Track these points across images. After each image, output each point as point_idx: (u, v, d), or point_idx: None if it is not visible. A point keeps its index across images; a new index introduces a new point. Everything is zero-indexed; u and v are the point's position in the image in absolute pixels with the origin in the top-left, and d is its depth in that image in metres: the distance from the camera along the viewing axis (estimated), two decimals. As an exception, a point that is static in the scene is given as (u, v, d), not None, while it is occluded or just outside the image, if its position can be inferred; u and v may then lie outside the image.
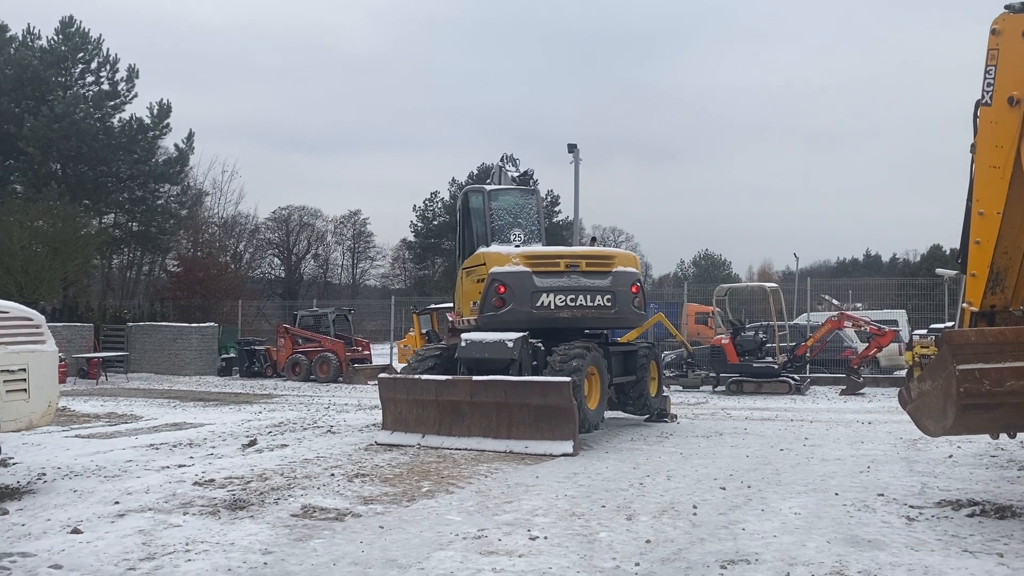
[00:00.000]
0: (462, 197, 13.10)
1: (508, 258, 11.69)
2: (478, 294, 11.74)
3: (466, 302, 12.37)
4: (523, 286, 11.36)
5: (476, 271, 12.07)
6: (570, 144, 24.46)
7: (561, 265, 11.63)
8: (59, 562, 5.39)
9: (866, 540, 5.81)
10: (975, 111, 7.06)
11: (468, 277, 12.42)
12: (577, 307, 11.51)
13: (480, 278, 11.84)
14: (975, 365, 6.01)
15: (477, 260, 12.10)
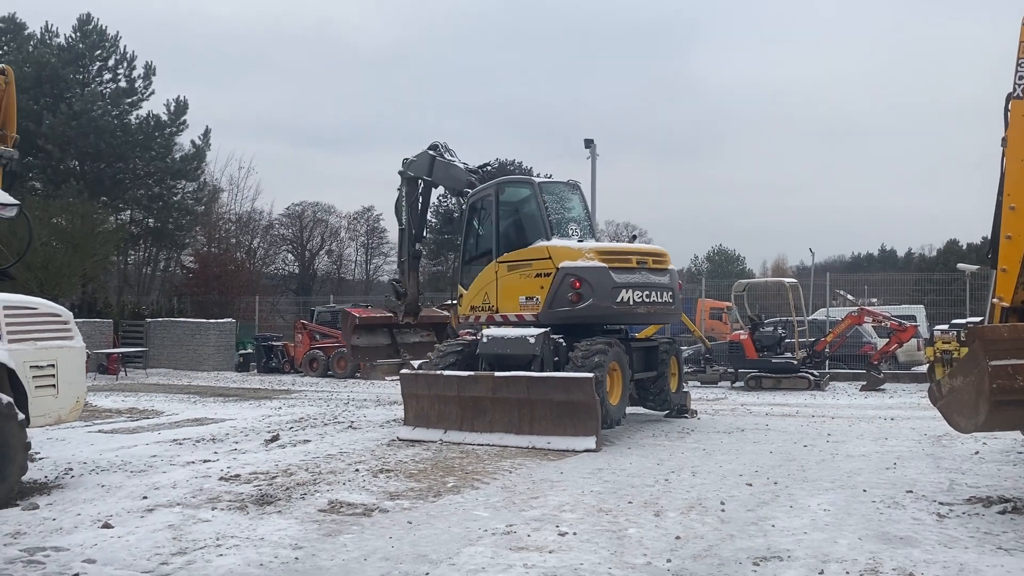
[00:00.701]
0: (494, 190, 12.57)
1: (580, 253, 11.50)
2: (539, 288, 11.54)
3: (509, 297, 11.92)
4: (602, 282, 11.25)
5: (533, 265, 11.73)
6: (587, 139, 24.43)
7: (633, 262, 11.80)
8: (92, 556, 5.43)
9: (898, 537, 5.77)
10: (1006, 104, 7.01)
11: (514, 271, 11.95)
12: (651, 303, 11.76)
13: (540, 272, 11.60)
14: (1008, 361, 5.95)
15: (536, 254, 11.74)
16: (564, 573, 5.01)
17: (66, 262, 27.32)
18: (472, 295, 12.53)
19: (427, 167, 14.41)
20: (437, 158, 14.37)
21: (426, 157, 14.45)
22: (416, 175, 14.54)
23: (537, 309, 11.58)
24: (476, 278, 12.55)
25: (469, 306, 12.59)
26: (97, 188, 35.57)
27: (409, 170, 14.56)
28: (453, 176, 14.47)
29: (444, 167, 14.44)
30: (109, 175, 36.72)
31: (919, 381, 20.49)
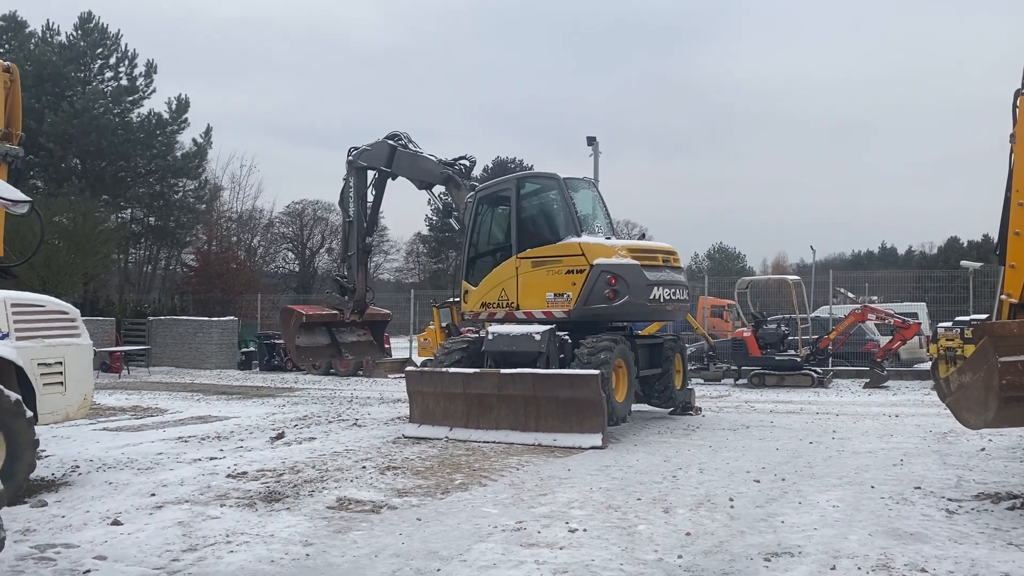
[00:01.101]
0: (514, 184, 12.29)
1: (614, 250, 11.48)
2: (571, 285, 11.42)
3: (533, 293, 11.73)
4: (637, 280, 11.28)
5: (564, 262, 11.57)
6: (589, 137, 24.40)
7: (659, 260, 11.96)
8: (103, 553, 5.43)
9: (908, 533, 5.78)
10: (1014, 100, 6.99)
11: (540, 267, 11.72)
12: (676, 300, 12.05)
13: (572, 269, 11.47)
14: (1018, 357, 5.96)
15: (567, 250, 11.57)
16: (576, 569, 5.01)
17: (68, 260, 27.28)
18: (484, 292, 12.25)
19: (386, 157, 13.85)
20: (399, 148, 13.81)
21: (384, 147, 13.90)
22: (370, 165, 14.00)
23: (568, 306, 11.43)
24: (489, 274, 12.24)
25: (479, 303, 12.29)
26: (98, 186, 35.51)
27: (360, 159, 13.99)
28: (423, 168, 13.89)
29: (410, 158, 13.87)
30: (110, 173, 36.67)
31: (922, 378, 20.47)
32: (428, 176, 13.83)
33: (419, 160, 13.86)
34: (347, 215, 14.24)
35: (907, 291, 30.81)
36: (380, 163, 13.92)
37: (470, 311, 12.56)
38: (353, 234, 14.23)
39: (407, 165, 13.93)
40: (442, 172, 13.65)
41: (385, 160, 13.87)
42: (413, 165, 13.91)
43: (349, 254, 14.45)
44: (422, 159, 13.82)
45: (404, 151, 13.87)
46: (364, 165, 13.99)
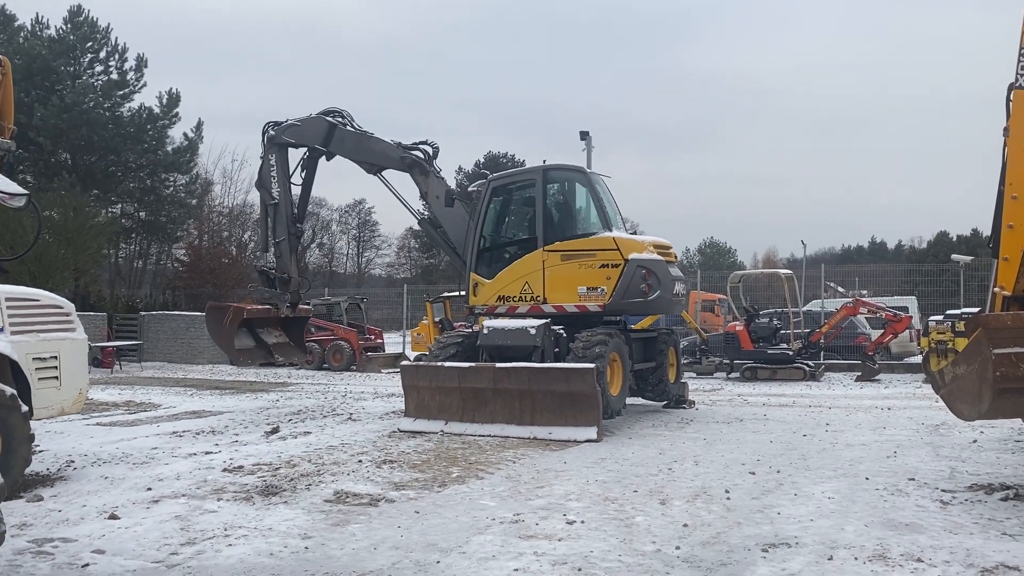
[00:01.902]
0: (540, 176, 12.02)
1: (644, 246, 11.68)
2: (605, 279, 11.49)
3: (563, 287, 11.64)
4: (664, 274, 11.56)
5: (598, 256, 11.59)
6: (582, 131, 24.35)
7: (672, 255, 12.36)
8: (101, 547, 5.43)
9: (903, 524, 5.82)
10: (1008, 94, 7.03)
11: (570, 260, 11.66)
12: (682, 294, 12.63)
13: (606, 263, 11.53)
14: (1011, 349, 5.99)
15: (601, 244, 11.61)
16: (575, 561, 5.04)
17: (58, 255, 27.16)
18: (502, 285, 11.95)
19: (322, 135, 12.87)
20: (341, 127, 12.83)
21: (320, 124, 12.88)
22: (300, 143, 12.94)
23: (604, 300, 11.48)
24: (509, 267, 11.97)
25: (495, 296, 11.98)
26: (89, 181, 35.34)
27: (287, 135, 12.87)
28: (375, 150, 12.95)
29: (356, 138, 12.93)
30: (101, 168, 36.48)
31: (913, 371, 20.61)
32: (383, 160, 13.01)
33: (369, 141, 13.03)
34: (271, 197, 13.01)
35: (897, 285, 30.95)
36: (314, 141, 13.02)
37: (483, 304, 12.09)
38: (281, 218, 13.04)
39: (352, 146, 13.08)
40: (403, 156, 12.93)
41: (321, 138, 12.95)
42: (361, 146, 13.07)
43: (277, 240, 13.17)
44: (374, 140, 13.01)
45: (349, 131, 12.98)
46: (290, 142, 12.98)
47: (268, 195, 12.90)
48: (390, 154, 13.01)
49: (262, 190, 13.04)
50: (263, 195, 12.99)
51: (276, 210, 13.00)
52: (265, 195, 12.96)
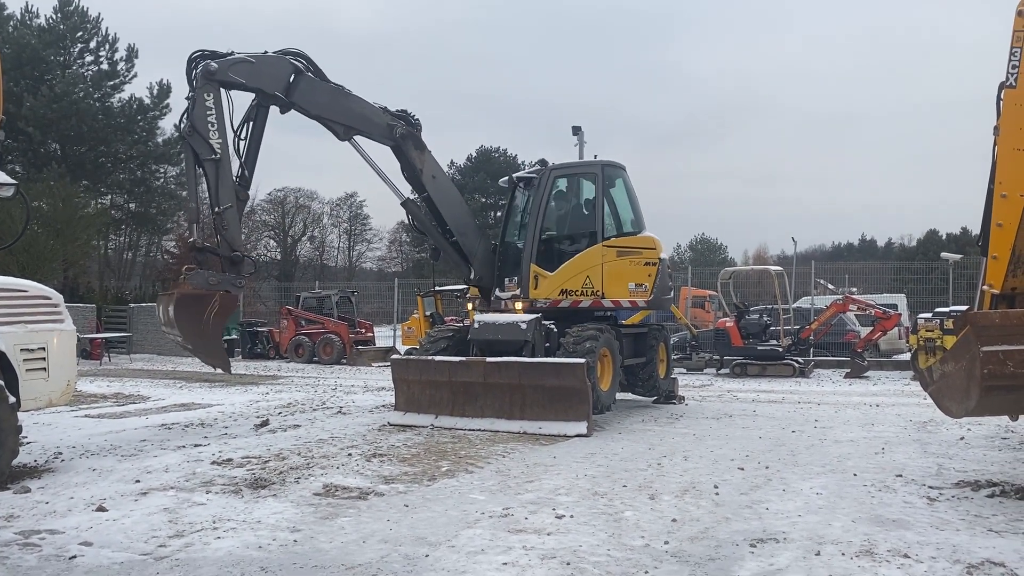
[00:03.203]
0: (600, 170, 12.07)
1: (662, 245, 12.62)
2: (647, 276, 12.11)
3: (617, 282, 11.87)
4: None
5: (644, 254, 12.16)
6: (574, 126, 24.10)
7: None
8: (88, 539, 5.40)
9: (890, 520, 5.85)
10: (999, 93, 7.05)
11: (623, 257, 11.99)
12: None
13: (648, 261, 12.15)
14: (999, 347, 6.01)
15: (645, 243, 12.24)
16: (564, 555, 5.04)
17: (47, 246, 27.05)
18: (564, 278, 11.76)
19: (284, 81, 10.40)
20: (308, 75, 10.60)
21: (284, 67, 10.43)
22: (251, 86, 10.23)
23: (647, 296, 12.12)
24: (571, 260, 11.80)
25: (558, 290, 11.72)
26: (78, 172, 35.19)
27: (234, 73, 10.02)
28: (356, 113, 11.06)
29: (331, 93, 10.81)
30: (91, 159, 36.34)
31: (902, 369, 20.72)
32: (363, 124, 11.15)
33: (348, 100, 11.00)
34: (210, 150, 9.85)
35: (886, 282, 31.12)
36: (272, 86, 10.38)
37: (545, 298, 11.70)
38: (226, 178, 10.01)
39: (325, 102, 10.82)
40: (391, 124, 11.33)
41: (282, 85, 10.42)
42: (337, 103, 10.93)
43: (222, 208, 10.00)
44: (353, 99, 11.04)
45: (321, 82, 10.75)
46: (237, 82, 10.10)
47: (206, 147, 9.81)
48: (374, 119, 11.26)
49: (196, 140, 9.80)
50: (198, 147, 9.81)
51: (218, 168, 9.93)
52: (202, 147, 9.80)
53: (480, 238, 12.37)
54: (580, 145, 24.71)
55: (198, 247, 10.18)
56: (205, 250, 10.13)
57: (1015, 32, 6.77)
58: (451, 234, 12.06)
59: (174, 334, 10.13)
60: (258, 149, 10.58)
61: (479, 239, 12.32)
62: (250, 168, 10.52)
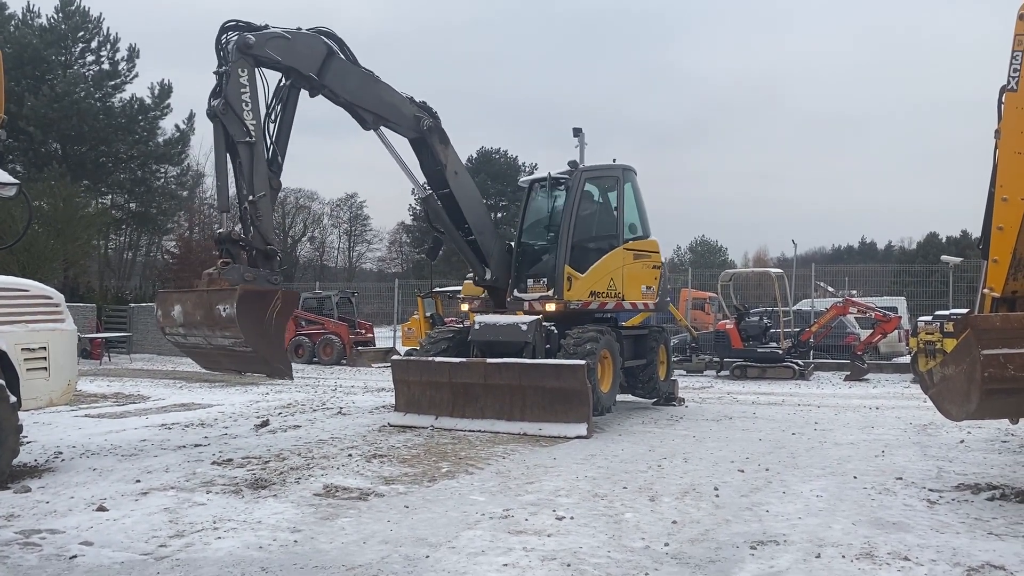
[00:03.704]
0: (622, 174, 12.44)
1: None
2: (654, 280, 12.79)
3: (634, 284, 12.36)
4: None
5: (652, 257, 12.77)
6: (575, 128, 24.22)
7: None
8: (89, 539, 5.41)
9: (891, 522, 5.85)
10: (1000, 97, 7.06)
11: (639, 260, 12.45)
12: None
13: (655, 264, 12.83)
14: (1000, 350, 6.02)
15: (652, 247, 12.82)
16: (564, 556, 5.04)
17: (48, 246, 27.06)
18: (593, 280, 11.76)
19: (319, 62, 9.65)
20: (340, 57, 9.90)
21: (318, 45, 9.71)
22: (286, 64, 9.35)
23: (654, 299, 12.76)
24: (599, 262, 11.87)
25: (588, 291, 11.69)
26: (79, 171, 35.19)
27: (271, 49, 9.15)
28: (385, 101, 10.45)
29: (362, 78, 10.13)
30: (92, 158, 36.33)
31: (902, 371, 20.73)
32: (391, 113, 10.56)
33: (377, 86, 10.36)
34: (245, 132, 8.89)
35: (886, 285, 31.13)
36: (306, 66, 9.53)
37: (578, 299, 11.54)
38: (260, 165, 9.04)
39: (354, 86, 10.06)
40: (418, 116, 10.85)
41: (317, 65, 9.63)
42: (367, 89, 10.24)
43: (256, 197, 8.94)
44: (384, 87, 10.42)
45: (353, 65, 10.06)
46: (273, 59, 9.24)
47: (241, 128, 8.84)
48: (403, 109, 10.70)
49: (230, 119, 8.81)
50: (231, 127, 8.82)
51: (252, 152, 8.96)
52: (235, 127, 8.83)
53: (496, 238, 12.18)
54: (581, 147, 24.72)
55: (233, 239, 9.00)
56: (237, 243, 9.04)
57: (1016, 36, 6.77)
58: (469, 233, 11.69)
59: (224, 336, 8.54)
60: (289, 135, 9.66)
61: (495, 239, 12.12)
62: (282, 154, 9.55)
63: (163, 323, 9.14)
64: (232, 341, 8.54)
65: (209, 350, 8.98)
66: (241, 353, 8.71)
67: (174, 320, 8.91)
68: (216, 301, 8.43)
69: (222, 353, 8.92)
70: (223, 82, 8.92)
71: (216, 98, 8.92)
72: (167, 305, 9.08)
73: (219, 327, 8.50)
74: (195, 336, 8.88)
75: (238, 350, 8.67)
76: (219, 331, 8.54)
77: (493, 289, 12.08)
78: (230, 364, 9.39)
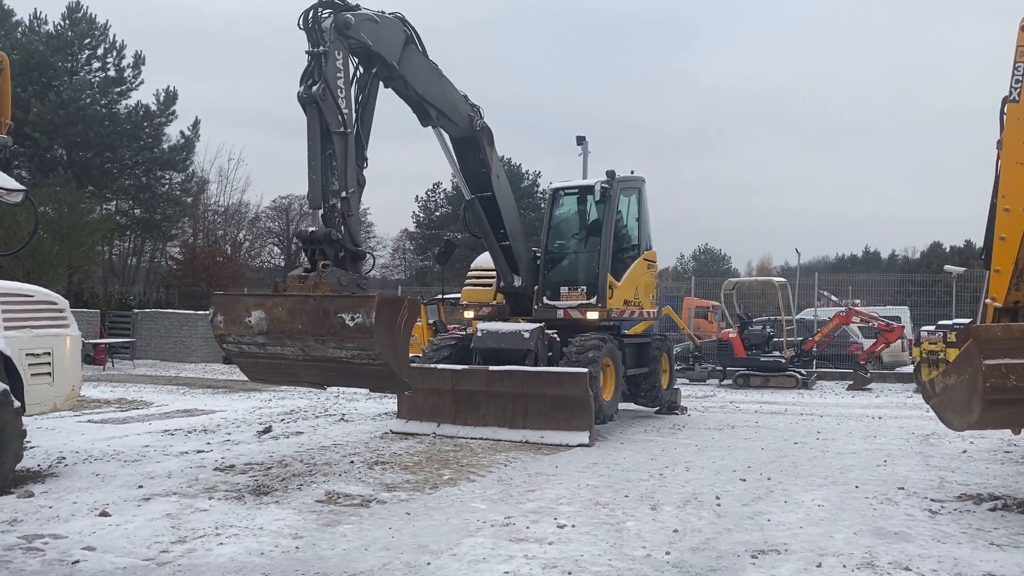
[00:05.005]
0: (642, 184, 12.90)
1: None
2: (654, 288, 13.40)
3: (647, 293, 12.94)
4: None
5: (654, 267, 13.44)
6: (579, 136, 24.19)
7: None
8: (91, 544, 5.43)
9: (892, 532, 5.86)
10: (1002, 108, 7.09)
11: (650, 270, 13.13)
12: None
13: (655, 274, 13.49)
14: (1002, 360, 6.02)
15: (654, 257, 13.23)
16: (565, 564, 5.05)
17: (52, 251, 27.10)
18: (626, 289, 12.17)
19: (399, 49, 8.99)
20: (413, 45, 9.25)
21: (398, 31, 9.01)
22: (375, 49, 8.55)
23: (654, 308, 13.26)
24: (631, 271, 12.34)
25: (623, 300, 12.08)
26: (84, 177, 35.26)
27: (364, 32, 8.34)
28: (447, 96, 10.01)
29: (430, 70, 9.62)
30: (97, 164, 36.42)
31: (905, 381, 20.69)
32: (449, 109, 10.04)
33: (442, 81, 9.82)
34: (341, 122, 7.99)
35: (890, 295, 31.04)
36: (390, 54, 8.79)
37: (617, 308, 11.90)
38: (351, 158, 8.21)
39: (424, 77, 9.42)
40: (471, 115, 10.49)
41: (397, 54, 8.91)
42: (433, 82, 9.62)
43: (349, 192, 8.15)
44: (447, 82, 9.91)
45: (425, 57, 9.45)
46: (365, 44, 8.39)
47: (337, 117, 7.98)
48: (459, 107, 10.20)
49: (328, 106, 7.92)
50: (329, 115, 7.95)
51: (347, 143, 8.11)
52: (333, 116, 7.95)
53: (526, 244, 12.14)
54: (584, 155, 24.73)
55: (332, 239, 8.03)
56: (335, 242, 8.04)
57: (1018, 47, 6.81)
58: (504, 238, 11.52)
59: (348, 347, 7.28)
60: (370, 129, 8.76)
61: (526, 245, 12.09)
62: (366, 142, 8.67)
63: (228, 330, 7.73)
64: (359, 353, 7.31)
65: (301, 363, 7.59)
66: (360, 366, 7.43)
67: (249, 327, 7.53)
68: (339, 308, 7.27)
69: (328, 367, 7.56)
70: (320, 64, 7.96)
71: (310, 82, 7.96)
72: (237, 310, 7.65)
73: (340, 337, 7.28)
74: (286, 346, 7.53)
75: (360, 363, 7.41)
76: (340, 342, 7.30)
77: (519, 296, 11.94)
78: (337, 379, 8.25)
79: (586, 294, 11.71)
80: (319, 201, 8.07)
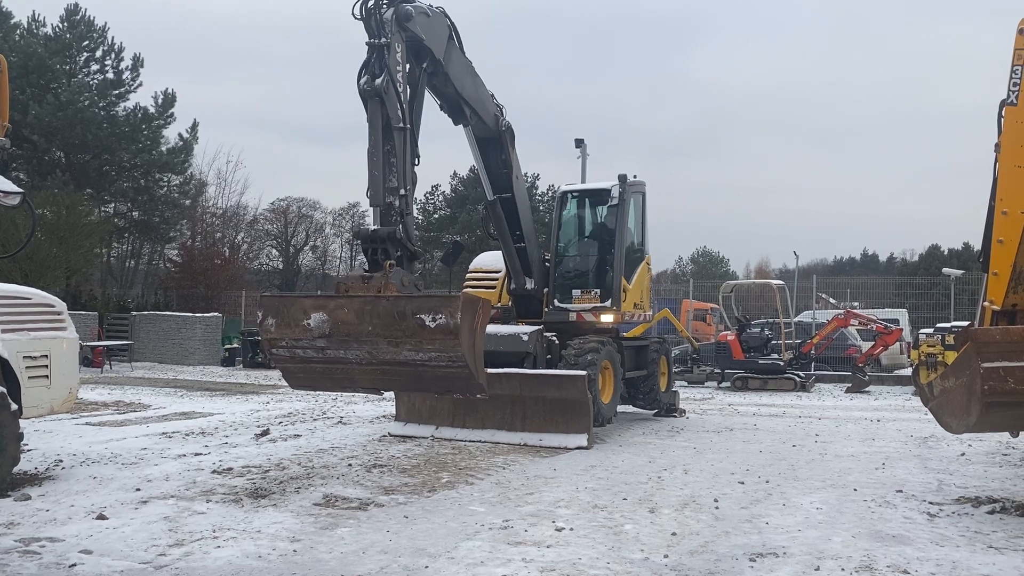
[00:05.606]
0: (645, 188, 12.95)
1: None
2: (650, 291, 13.57)
3: (647, 297, 13.14)
4: None
5: (649, 269, 13.54)
6: (577, 139, 24.31)
7: None
8: (88, 547, 5.41)
9: (890, 535, 5.85)
10: (1000, 110, 7.10)
11: (648, 273, 13.37)
12: None
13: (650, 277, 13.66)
14: (1000, 363, 6.02)
15: (649, 259, 13.30)
16: (563, 568, 5.04)
17: (50, 254, 27.07)
18: (636, 292, 12.48)
19: (445, 43, 8.82)
20: (454, 42, 9.07)
21: (444, 28, 8.82)
22: (427, 43, 8.38)
23: (650, 310, 13.44)
24: (638, 274, 12.64)
25: (633, 303, 12.38)
26: (83, 180, 35.23)
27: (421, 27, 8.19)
28: (480, 95, 9.91)
29: (467, 67, 9.44)
30: (95, 167, 36.38)
31: (903, 384, 20.71)
32: (480, 108, 9.88)
33: (476, 79, 9.68)
34: (401, 118, 7.77)
35: (888, 297, 31.08)
36: (438, 49, 8.64)
37: (629, 311, 12.16)
38: (410, 154, 7.97)
39: (460, 74, 9.23)
40: (498, 116, 10.46)
41: (443, 49, 8.74)
42: (469, 80, 9.46)
43: (405, 190, 7.90)
44: (479, 80, 9.76)
45: (463, 54, 9.27)
46: (416, 37, 8.19)
47: (397, 112, 7.73)
48: (487, 105, 10.10)
49: (391, 100, 7.68)
50: (392, 109, 7.68)
51: (405, 139, 7.86)
52: (393, 111, 7.69)
53: (538, 247, 12.17)
54: (583, 158, 24.79)
55: (397, 238, 7.79)
56: (399, 241, 7.80)
57: (1016, 50, 6.81)
58: (519, 240, 11.55)
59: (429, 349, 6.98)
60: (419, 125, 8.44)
61: (537, 248, 12.11)
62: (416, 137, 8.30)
63: (282, 334, 7.37)
64: (438, 355, 6.99)
65: (363, 367, 7.29)
66: (436, 369, 7.09)
67: (308, 330, 7.21)
68: (418, 309, 6.96)
69: (397, 370, 7.23)
70: (383, 55, 7.68)
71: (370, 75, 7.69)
72: (293, 312, 7.30)
73: (418, 339, 6.96)
74: (350, 349, 7.22)
75: (438, 366, 7.07)
76: (418, 343, 6.98)
77: (528, 298, 11.94)
78: (404, 383, 7.90)
79: (599, 297, 11.79)
80: (380, 199, 7.80)
